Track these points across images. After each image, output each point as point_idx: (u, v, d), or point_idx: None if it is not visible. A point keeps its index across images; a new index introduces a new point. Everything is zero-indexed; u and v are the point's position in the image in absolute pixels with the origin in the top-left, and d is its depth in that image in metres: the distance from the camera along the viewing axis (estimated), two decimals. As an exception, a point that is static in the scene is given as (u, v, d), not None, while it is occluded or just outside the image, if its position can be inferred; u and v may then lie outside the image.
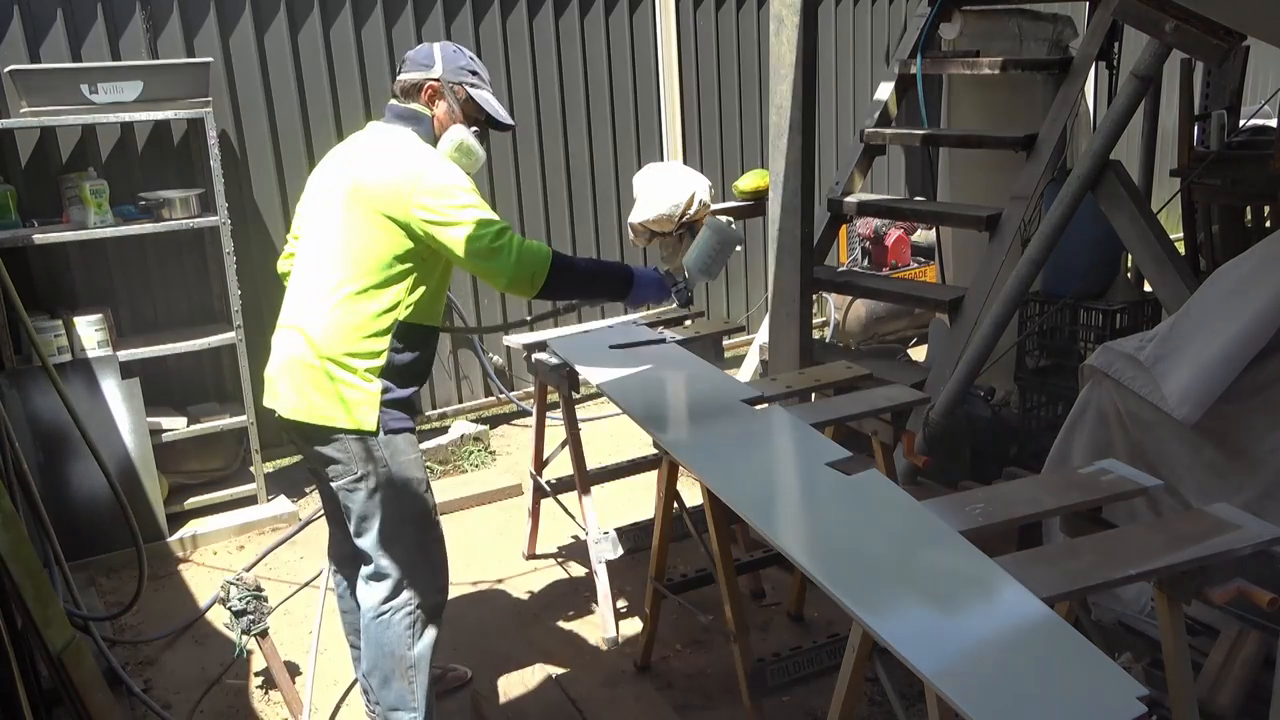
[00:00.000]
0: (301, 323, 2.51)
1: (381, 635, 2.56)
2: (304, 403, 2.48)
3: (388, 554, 2.53)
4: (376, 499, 2.50)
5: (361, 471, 2.49)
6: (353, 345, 2.45)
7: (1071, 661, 1.63)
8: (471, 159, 2.60)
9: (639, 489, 4.11)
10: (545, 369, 3.37)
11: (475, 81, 2.62)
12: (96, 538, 3.85)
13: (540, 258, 2.45)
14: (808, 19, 3.28)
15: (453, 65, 2.59)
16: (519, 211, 5.18)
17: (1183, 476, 2.68)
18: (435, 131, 2.59)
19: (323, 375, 2.45)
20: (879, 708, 2.84)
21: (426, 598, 2.58)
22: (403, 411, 2.53)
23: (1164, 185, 5.06)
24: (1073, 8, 4.83)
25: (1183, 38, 3.08)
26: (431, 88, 2.58)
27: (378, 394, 2.47)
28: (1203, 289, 2.76)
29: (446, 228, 2.40)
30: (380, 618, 2.55)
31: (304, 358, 2.48)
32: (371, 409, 2.46)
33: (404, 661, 2.56)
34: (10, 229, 3.73)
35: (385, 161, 2.48)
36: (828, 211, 4.39)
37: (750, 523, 2.25)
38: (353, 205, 2.46)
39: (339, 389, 2.45)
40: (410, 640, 2.56)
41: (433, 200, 2.40)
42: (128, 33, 4.12)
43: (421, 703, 2.60)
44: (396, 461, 2.50)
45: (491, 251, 2.40)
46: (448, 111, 2.59)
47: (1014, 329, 4.06)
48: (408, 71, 2.61)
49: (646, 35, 5.44)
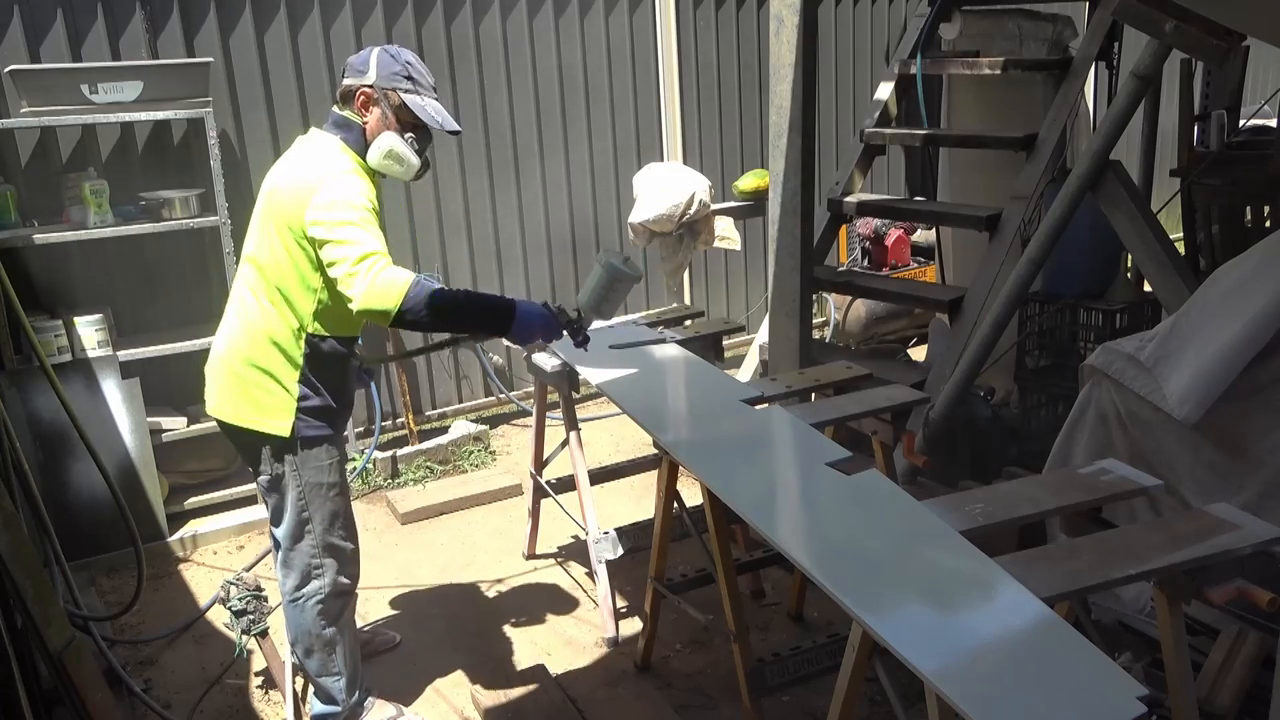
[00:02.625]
0: (228, 325, 2.66)
1: (298, 617, 2.76)
2: (226, 403, 2.64)
3: (295, 548, 2.71)
4: (288, 499, 2.65)
5: (274, 473, 2.64)
6: (269, 352, 2.56)
7: (1071, 661, 1.63)
8: (403, 165, 2.59)
9: (639, 489, 4.11)
10: (545, 369, 3.37)
11: (410, 87, 2.59)
12: (96, 538, 3.85)
13: (394, 289, 2.37)
14: (808, 19, 3.28)
15: (386, 71, 2.58)
16: (519, 213, 5.18)
17: (1183, 476, 2.68)
18: (366, 139, 2.59)
19: (241, 379, 2.60)
20: (879, 708, 2.84)
21: (334, 588, 2.75)
22: (320, 419, 2.64)
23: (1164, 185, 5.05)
24: (1073, 8, 4.83)
25: (1183, 38, 3.08)
26: (365, 94, 2.58)
27: (293, 401, 2.58)
28: (1203, 289, 2.76)
29: (325, 244, 2.42)
30: (294, 603, 2.75)
31: (227, 360, 2.64)
32: (286, 415, 2.58)
33: (321, 639, 2.77)
34: (10, 229, 3.73)
35: (294, 172, 2.55)
36: (828, 211, 4.39)
37: (750, 523, 2.25)
38: (267, 215, 2.56)
39: (255, 394, 2.59)
40: (323, 622, 2.75)
41: (322, 213, 2.42)
42: (128, 33, 4.12)
43: (343, 668, 2.80)
44: (307, 468, 2.64)
45: (348, 275, 2.38)
46: (380, 118, 2.59)
47: (1014, 329, 4.07)
48: (346, 77, 2.62)
49: (646, 35, 5.44)
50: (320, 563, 2.72)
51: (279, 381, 2.57)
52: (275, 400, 2.58)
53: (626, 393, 2.94)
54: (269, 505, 2.72)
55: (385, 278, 2.37)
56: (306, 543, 2.70)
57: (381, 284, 2.37)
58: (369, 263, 2.37)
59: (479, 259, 5.12)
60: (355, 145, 2.59)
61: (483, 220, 5.10)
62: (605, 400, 4.52)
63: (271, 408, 2.58)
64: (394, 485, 4.58)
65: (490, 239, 5.14)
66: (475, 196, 5.06)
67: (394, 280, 2.38)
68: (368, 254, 2.38)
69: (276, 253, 2.52)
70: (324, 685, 2.81)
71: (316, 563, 2.71)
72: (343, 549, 2.76)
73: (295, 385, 2.58)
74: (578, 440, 3.40)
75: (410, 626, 3.44)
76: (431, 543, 4.09)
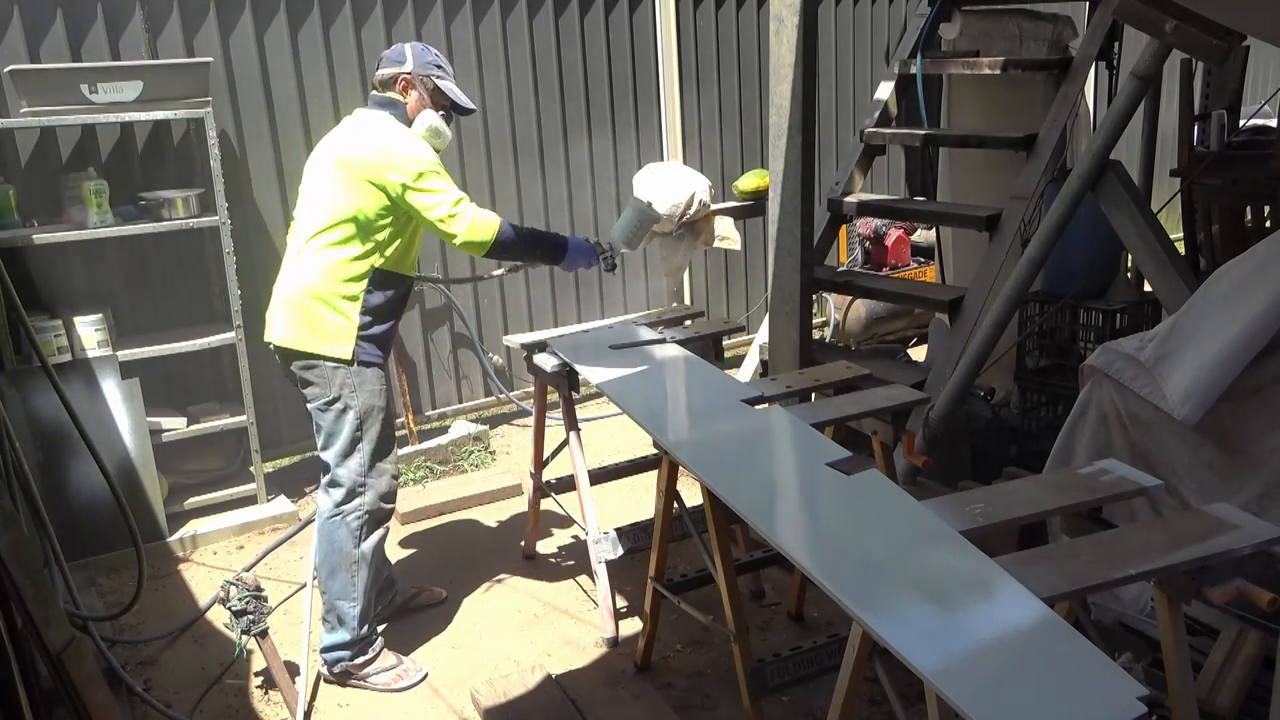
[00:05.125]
0: (293, 268, 2.99)
1: (333, 533, 3.01)
2: (293, 333, 2.96)
3: (345, 466, 2.99)
4: (343, 420, 2.96)
5: (333, 395, 2.95)
6: (335, 285, 2.92)
7: (1071, 661, 1.63)
8: (440, 138, 3.08)
9: (639, 489, 4.11)
10: (545, 369, 3.38)
11: (440, 74, 3.10)
12: (96, 538, 3.85)
13: (489, 227, 2.96)
14: (808, 19, 3.28)
15: (421, 60, 3.07)
16: (519, 211, 5.18)
17: (1183, 476, 2.68)
18: (409, 115, 3.06)
19: (309, 310, 2.93)
20: (879, 708, 2.84)
21: (375, 506, 3.04)
22: (377, 347, 3.01)
23: (1164, 185, 5.06)
24: (1073, 8, 4.83)
25: (1183, 38, 3.08)
26: (405, 80, 3.06)
27: (354, 327, 2.94)
28: (1203, 289, 2.76)
29: (416, 193, 2.88)
30: (334, 518, 3.01)
31: (294, 296, 2.96)
32: (349, 341, 2.94)
33: (349, 558, 3.01)
34: (10, 229, 3.73)
35: (366, 137, 2.96)
36: (828, 211, 4.39)
37: (750, 523, 2.25)
38: (338, 172, 2.93)
39: (322, 322, 2.93)
40: (357, 539, 3.01)
41: (406, 170, 2.88)
42: (128, 33, 4.12)
43: (360, 595, 3.03)
44: (363, 390, 2.97)
45: (450, 217, 2.90)
46: (419, 99, 3.07)
47: (1014, 329, 4.06)
48: (384, 67, 3.09)
49: (646, 35, 5.44)
50: (365, 481, 3.00)
51: (342, 313, 2.93)
52: (340, 327, 2.93)
53: (626, 393, 2.94)
54: (321, 429, 3.00)
55: (481, 217, 2.95)
56: (355, 460, 2.99)
57: (480, 222, 2.94)
58: (463, 205, 2.92)
59: (479, 259, 5.11)
60: (401, 120, 3.04)
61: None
62: (605, 400, 4.52)
63: (336, 333, 2.93)
64: (394, 485, 4.57)
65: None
66: (476, 196, 5.04)
67: (489, 218, 2.97)
68: (459, 199, 2.92)
69: (350, 202, 2.90)
70: (340, 609, 3.03)
71: (362, 480, 3.00)
72: (387, 471, 3.06)
73: (357, 315, 2.94)
74: (578, 440, 3.40)
75: (410, 626, 3.44)
76: (431, 543, 4.09)
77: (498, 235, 2.97)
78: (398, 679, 3.10)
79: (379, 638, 3.16)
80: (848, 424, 2.87)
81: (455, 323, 5.15)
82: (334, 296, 2.93)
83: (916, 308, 5.07)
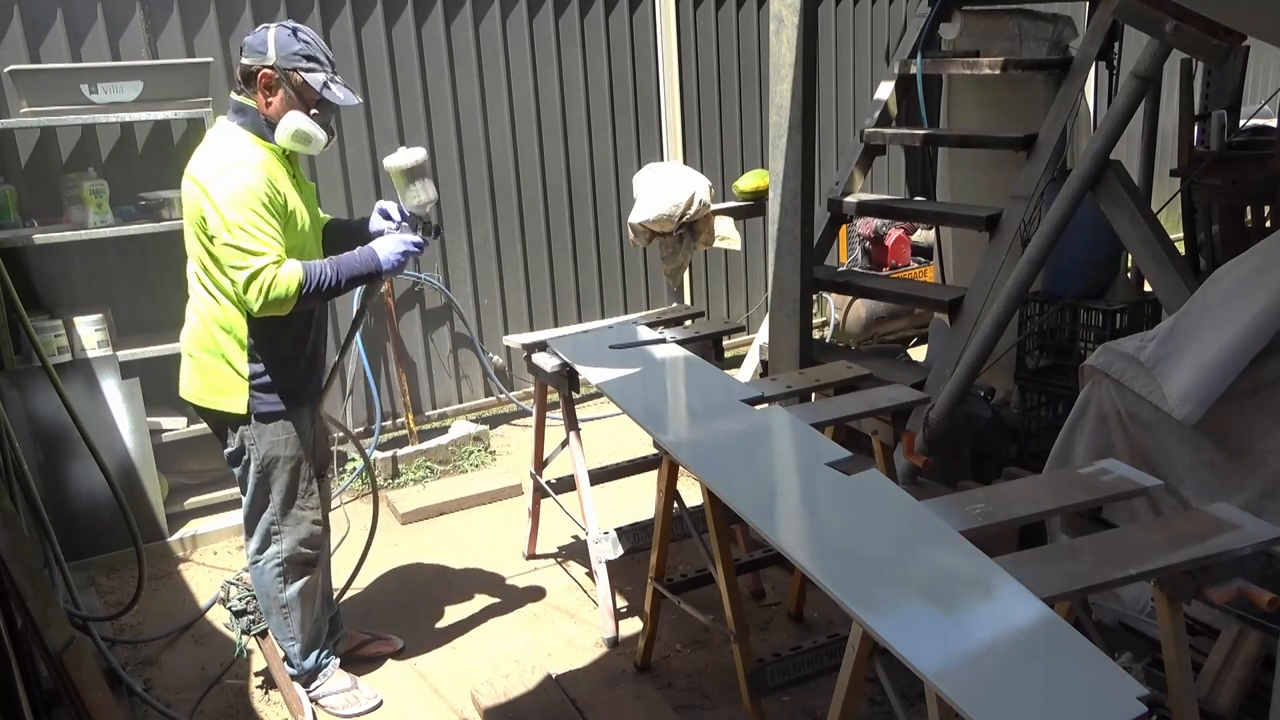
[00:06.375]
0: (188, 315, 2.80)
1: (258, 579, 2.95)
2: (189, 386, 2.83)
3: (256, 516, 2.90)
4: (248, 471, 2.83)
5: (235, 446, 2.83)
6: (218, 337, 2.71)
7: (1071, 661, 1.63)
8: (309, 144, 2.67)
9: (639, 489, 4.11)
10: (545, 369, 3.37)
11: (310, 66, 2.63)
12: (96, 538, 3.85)
13: (287, 295, 2.57)
14: (808, 19, 3.28)
15: (286, 51, 2.61)
16: (519, 211, 5.18)
17: (1183, 476, 2.68)
18: (268, 120, 2.65)
19: (199, 362, 2.77)
20: (879, 708, 2.84)
21: (293, 554, 2.91)
22: (280, 396, 2.77)
23: (1164, 185, 5.05)
24: (1073, 8, 4.83)
25: (1183, 38, 3.08)
26: (266, 75, 2.61)
27: (245, 381, 2.73)
28: (1203, 289, 2.76)
29: (225, 247, 2.54)
30: (255, 565, 2.94)
31: (186, 347, 2.82)
32: (240, 394, 2.74)
33: (277, 601, 2.94)
34: (10, 229, 3.73)
35: (193, 166, 2.63)
36: (828, 211, 4.39)
37: (750, 523, 2.25)
38: (183, 206, 2.68)
39: (211, 377, 2.76)
40: (281, 585, 2.93)
41: (213, 216, 2.54)
42: (128, 33, 4.12)
43: (298, 634, 2.97)
44: (263, 442, 2.79)
45: (244, 285, 2.54)
46: (284, 98, 2.63)
47: (1014, 329, 4.06)
48: (245, 57, 2.63)
49: (646, 35, 5.44)
50: (279, 529, 2.88)
51: (230, 364, 2.73)
52: (229, 381, 2.74)
53: (626, 393, 2.94)
54: (236, 476, 2.90)
55: (278, 289, 2.55)
56: (267, 510, 2.88)
57: (274, 295, 2.55)
58: (262, 276, 2.53)
59: (479, 260, 5.12)
60: (255, 128, 2.66)
61: (483, 221, 5.11)
62: (605, 400, 4.52)
63: (226, 387, 2.74)
64: (394, 485, 4.58)
65: (490, 239, 5.14)
66: (476, 196, 5.06)
67: (286, 289, 2.56)
68: (256, 270, 2.52)
69: (196, 245, 2.65)
70: (282, 646, 2.99)
71: (275, 529, 2.88)
72: (302, 519, 2.90)
73: (245, 365, 2.73)
74: (578, 440, 3.40)
75: (410, 626, 3.44)
76: (431, 543, 4.09)
77: (296, 303, 2.59)
78: (346, 705, 3.01)
79: (334, 661, 3.08)
80: (848, 424, 2.87)
81: (455, 322, 5.15)
82: (218, 348, 2.71)
83: (916, 308, 5.07)
